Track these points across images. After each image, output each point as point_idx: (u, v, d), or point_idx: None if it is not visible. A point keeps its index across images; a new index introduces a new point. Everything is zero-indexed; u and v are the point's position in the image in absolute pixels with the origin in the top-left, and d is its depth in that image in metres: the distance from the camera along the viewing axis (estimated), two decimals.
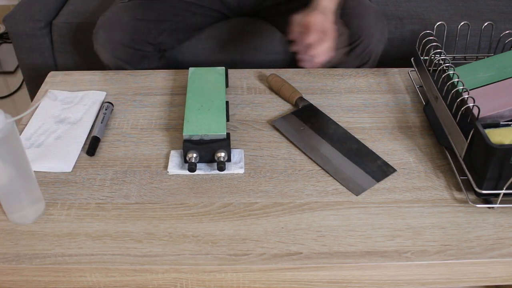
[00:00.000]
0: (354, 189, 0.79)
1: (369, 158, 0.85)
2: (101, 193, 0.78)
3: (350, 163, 0.83)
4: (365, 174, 0.81)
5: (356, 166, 0.83)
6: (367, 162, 0.84)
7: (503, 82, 0.87)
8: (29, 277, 0.69)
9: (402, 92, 1.01)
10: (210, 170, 0.82)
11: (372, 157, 0.85)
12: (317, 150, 0.86)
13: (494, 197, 0.76)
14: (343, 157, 0.84)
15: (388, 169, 0.82)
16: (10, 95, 1.82)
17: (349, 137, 0.89)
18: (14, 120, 0.65)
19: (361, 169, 0.82)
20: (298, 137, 0.88)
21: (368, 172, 0.82)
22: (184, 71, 1.06)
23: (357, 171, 0.82)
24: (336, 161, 0.84)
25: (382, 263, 0.68)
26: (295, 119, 0.93)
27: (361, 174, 0.81)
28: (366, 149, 0.86)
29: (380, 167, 0.83)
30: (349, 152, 0.85)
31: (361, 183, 0.80)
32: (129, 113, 0.96)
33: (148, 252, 0.69)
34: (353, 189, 0.79)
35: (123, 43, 1.08)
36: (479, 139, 0.73)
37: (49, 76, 1.06)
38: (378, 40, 1.09)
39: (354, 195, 0.78)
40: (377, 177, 0.81)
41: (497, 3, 1.42)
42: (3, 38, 2.07)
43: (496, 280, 0.72)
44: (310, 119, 0.93)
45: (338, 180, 0.81)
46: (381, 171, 0.82)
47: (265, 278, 0.69)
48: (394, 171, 0.82)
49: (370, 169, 0.82)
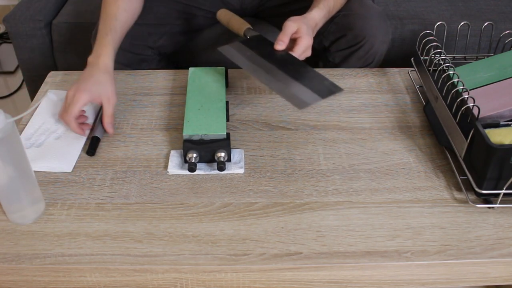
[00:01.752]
0: (299, 104, 0.78)
1: (316, 79, 0.83)
2: (101, 193, 0.78)
3: (296, 82, 0.82)
4: (311, 91, 0.80)
5: (302, 85, 0.81)
6: (314, 81, 0.82)
7: (503, 82, 0.87)
8: (29, 277, 0.69)
9: (402, 92, 1.01)
10: (210, 170, 0.82)
11: (319, 78, 0.83)
12: (263, 72, 0.84)
13: (494, 197, 0.76)
14: (289, 77, 0.83)
15: (336, 88, 0.81)
16: (10, 95, 1.82)
17: (297, 61, 0.87)
18: (14, 120, 0.65)
19: (307, 87, 0.81)
20: (246, 61, 0.86)
21: (313, 90, 0.80)
22: (184, 71, 1.06)
23: (303, 89, 0.80)
24: (282, 81, 0.82)
25: (382, 263, 0.68)
26: (242, 47, 0.90)
27: (306, 91, 0.80)
28: (313, 72, 0.84)
29: (327, 86, 0.81)
30: (296, 73, 0.84)
31: (305, 99, 0.79)
32: (129, 113, 0.96)
33: (148, 252, 0.69)
34: (298, 104, 0.78)
35: (122, 48, 1.07)
36: (479, 139, 0.73)
37: (49, 76, 1.06)
38: (382, 41, 1.09)
39: (354, 195, 0.78)
40: (322, 94, 0.80)
41: (497, 3, 1.43)
42: (3, 38, 2.07)
43: (496, 280, 0.72)
44: (258, 47, 0.90)
45: (283, 96, 0.80)
46: (327, 89, 0.81)
47: (265, 278, 0.69)
48: (341, 90, 0.81)
49: (316, 88, 0.81)
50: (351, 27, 1.07)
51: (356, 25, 1.07)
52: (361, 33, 1.07)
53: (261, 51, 0.89)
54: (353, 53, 1.09)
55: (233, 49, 0.89)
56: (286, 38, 0.90)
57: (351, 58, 1.10)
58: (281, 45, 0.89)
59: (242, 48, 0.89)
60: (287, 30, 0.90)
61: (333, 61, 1.14)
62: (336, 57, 1.12)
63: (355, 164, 0.84)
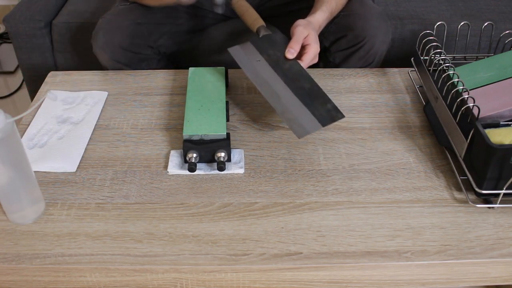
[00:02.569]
0: (298, 131, 0.78)
1: (319, 100, 0.82)
2: (101, 193, 0.78)
3: (299, 102, 0.81)
4: (312, 116, 0.79)
5: (304, 107, 0.81)
6: (317, 104, 0.82)
7: (503, 82, 0.87)
8: (29, 277, 0.69)
9: (402, 92, 1.01)
10: (210, 170, 0.82)
11: (323, 99, 0.83)
12: (268, 85, 0.83)
13: (494, 197, 0.76)
14: (293, 95, 0.82)
15: (337, 115, 0.80)
16: (10, 95, 1.82)
17: (304, 75, 0.87)
18: (14, 120, 0.65)
19: (309, 110, 0.80)
20: (253, 69, 0.86)
21: (315, 115, 0.80)
22: (184, 71, 1.06)
23: (304, 113, 0.80)
24: (285, 99, 0.81)
25: (382, 263, 0.68)
26: (252, 48, 0.89)
27: (308, 116, 0.79)
28: (318, 90, 0.84)
29: (329, 111, 0.80)
30: (300, 91, 0.83)
31: (306, 126, 0.78)
32: (129, 113, 0.96)
33: (148, 252, 0.69)
34: (297, 131, 0.78)
35: (122, 47, 1.07)
36: (479, 139, 0.73)
37: (49, 76, 1.06)
38: (382, 41, 1.09)
39: (354, 195, 0.78)
40: (324, 121, 0.79)
41: (497, 3, 1.42)
42: (3, 38, 2.07)
43: (496, 280, 0.72)
44: (268, 51, 0.90)
45: (284, 120, 0.80)
46: (329, 115, 0.80)
47: (265, 278, 0.69)
48: (342, 117, 0.80)
49: (319, 112, 0.80)
50: (351, 27, 1.07)
51: (357, 25, 1.07)
52: (361, 33, 1.07)
53: (270, 57, 0.88)
54: (354, 53, 1.09)
55: (242, 51, 0.88)
56: (297, 46, 0.90)
57: (352, 58, 1.10)
58: (292, 53, 0.90)
59: (251, 51, 0.88)
60: (298, 37, 0.90)
61: (334, 61, 1.14)
62: (337, 57, 1.12)
63: (355, 164, 0.84)
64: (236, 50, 0.88)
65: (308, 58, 0.91)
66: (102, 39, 1.07)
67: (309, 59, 0.91)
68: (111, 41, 1.07)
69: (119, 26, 1.08)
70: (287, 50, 0.90)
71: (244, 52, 0.88)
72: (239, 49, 0.89)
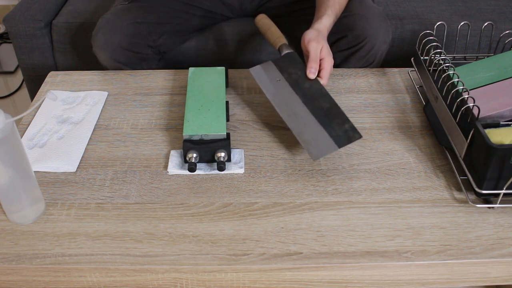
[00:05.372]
0: (314, 154, 0.78)
1: (337, 120, 0.83)
2: (101, 193, 0.78)
3: (316, 123, 0.81)
4: (329, 137, 0.80)
5: (321, 128, 0.81)
6: (334, 124, 0.82)
7: (503, 82, 0.87)
8: (29, 277, 0.69)
9: (402, 92, 1.01)
10: (210, 170, 0.82)
11: (341, 119, 0.83)
12: (287, 105, 0.84)
13: (494, 197, 0.76)
14: (311, 115, 0.83)
15: (354, 135, 0.80)
16: (10, 95, 1.82)
17: (324, 94, 0.87)
18: (14, 120, 0.65)
19: (326, 131, 0.80)
20: (272, 89, 0.86)
21: (332, 136, 0.80)
22: (184, 71, 1.06)
23: (321, 134, 0.80)
24: (303, 119, 0.82)
25: (382, 263, 0.68)
26: (273, 68, 0.90)
27: (325, 137, 0.80)
28: (337, 110, 0.84)
29: (346, 132, 0.81)
30: (319, 111, 0.83)
31: (322, 147, 0.79)
32: (129, 113, 0.96)
33: (148, 252, 0.69)
34: (313, 154, 0.78)
35: (122, 46, 1.07)
36: (479, 139, 0.73)
37: (49, 76, 1.06)
38: (382, 42, 1.09)
39: (354, 195, 0.78)
40: (340, 143, 0.80)
41: (497, 3, 1.42)
42: (3, 38, 2.07)
43: (496, 280, 0.72)
44: (289, 70, 0.90)
45: (300, 141, 0.80)
46: (346, 136, 0.80)
47: (265, 278, 0.69)
48: (359, 137, 0.80)
49: (335, 132, 0.81)
50: (351, 27, 1.07)
51: (357, 26, 1.06)
52: (361, 34, 1.06)
53: (290, 76, 0.89)
54: (354, 53, 1.09)
55: (263, 71, 0.89)
56: (316, 64, 0.91)
57: (352, 58, 1.10)
58: (313, 73, 0.90)
59: (272, 70, 0.89)
60: (315, 54, 0.91)
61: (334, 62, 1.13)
62: (337, 58, 1.12)
63: (355, 164, 0.84)
64: (257, 70, 0.90)
65: (326, 74, 0.91)
66: (101, 39, 1.07)
67: (328, 74, 0.92)
68: (110, 40, 1.07)
69: (119, 25, 1.08)
70: (308, 70, 0.90)
71: (264, 71, 0.89)
72: (260, 69, 0.90)
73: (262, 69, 0.90)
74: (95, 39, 1.08)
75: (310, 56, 0.91)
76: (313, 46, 0.91)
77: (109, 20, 1.09)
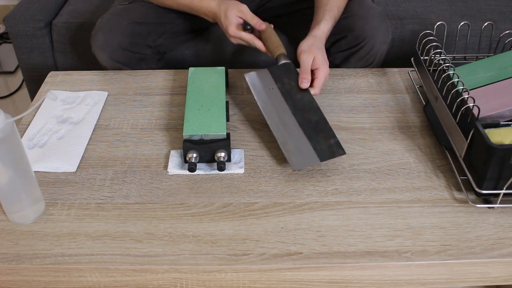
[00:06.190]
0: (295, 163, 0.79)
1: (323, 134, 0.83)
2: (101, 193, 0.78)
3: (302, 135, 0.82)
4: (312, 150, 0.80)
5: (306, 140, 0.81)
6: (320, 138, 0.82)
7: (503, 82, 0.87)
8: (29, 277, 0.69)
9: (402, 92, 1.01)
10: (210, 170, 0.82)
11: (327, 133, 0.83)
12: (276, 114, 0.85)
13: (494, 197, 0.76)
14: (298, 127, 0.83)
15: (338, 151, 0.81)
16: (10, 95, 1.82)
17: (314, 107, 0.87)
18: (14, 120, 0.65)
19: (310, 144, 0.81)
20: (264, 96, 0.87)
21: (316, 149, 0.80)
22: (184, 71, 1.06)
23: (305, 145, 0.80)
24: (289, 130, 0.82)
25: (382, 263, 0.68)
26: (268, 76, 0.91)
27: (308, 149, 0.80)
28: (324, 124, 0.84)
29: (331, 147, 0.81)
30: (306, 123, 0.84)
31: (304, 159, 0.79)
32: (129, 113, 0.96)
33: (148, 252, 0.69)
34: (294, 163, 0.79)
35: (121, 46, 1.07)
36: (479, 139, 0.73)
37: (49, 76, 1.06)
38: (382, 42, 1.09)
39: (354, 195, 0.78)
40: (323, 156, 0.80)
41: (497, 3, 1.42)
42: (3, 38, 2.07)
43: (496, 280, 0.72)
44: (283, 79, 0.91)
45: (283, 150, 0.81)
46: (330, 150, 0.80)
47: (265, 278, 0.69)
48: (343, 153, 0.80)
49: (320, 146, 0.81)
50: (351, 28, 1.07)
51: (357, 26, 1.06)
52: (361, 34, 1.06)
53: (284, 85, 0.90)
54: (354, 54, 1.09)
55: (257, 78, 0.90)
56: (308, 75, 0.91)
57: (352, 58, 1.10)
58: (306, 83, 0.90)
59: (266, 78, 0.90)
60: (306, 66, 0.91)
61: (334, 62, 1.14)
62: (337, 58, 1.12)
63: (355, 164, 0.84)
64: (252, 76, 0.90)
65: (318, 84, 0.91)
66: (101, 39, 1.07)
67: (320, 84, 0.91)
68: (110, 40, 1.07)
69: (118, 25, 1.08)
70: (300, 81, 0.90)
71: (259, 78, 0.90)
72: (255, 75, 0.91)
73: (257, 76, 0.91)
74: (94, 39, 1.08)
75: (301, 67, 0.91)
76: (304, 57, 0.91)
77: (108, 20, 1.09)
